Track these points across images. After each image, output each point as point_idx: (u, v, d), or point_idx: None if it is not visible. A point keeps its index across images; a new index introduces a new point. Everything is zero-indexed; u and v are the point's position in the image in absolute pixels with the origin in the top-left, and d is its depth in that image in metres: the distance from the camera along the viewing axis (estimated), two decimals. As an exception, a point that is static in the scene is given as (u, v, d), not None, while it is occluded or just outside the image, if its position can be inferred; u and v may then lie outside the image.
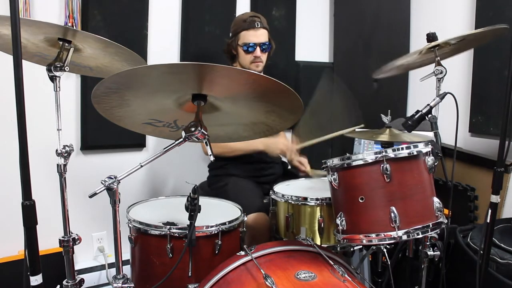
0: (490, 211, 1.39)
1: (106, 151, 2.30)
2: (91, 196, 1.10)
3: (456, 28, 2.63)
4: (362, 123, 2.07)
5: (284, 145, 2.11)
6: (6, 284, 1.92)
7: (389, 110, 1.66)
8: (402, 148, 1.30)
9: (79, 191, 1.71)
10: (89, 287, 2.19)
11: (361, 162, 1.30)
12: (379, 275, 2.01)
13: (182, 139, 1.20)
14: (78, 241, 1.35)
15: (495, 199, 1.38)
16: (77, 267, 2.16)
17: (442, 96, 1.52)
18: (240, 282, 1.21)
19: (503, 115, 1.37)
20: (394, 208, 1.26)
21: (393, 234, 1.26)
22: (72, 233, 1.34)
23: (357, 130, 2.04)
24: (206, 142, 1.23)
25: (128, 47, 1.36)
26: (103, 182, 1.12)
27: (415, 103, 2.99)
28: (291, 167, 2.26)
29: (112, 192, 1.13)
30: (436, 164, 1.35)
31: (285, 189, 1.82)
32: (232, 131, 1.57)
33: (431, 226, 1.28)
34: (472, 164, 2.30)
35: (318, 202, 1.61)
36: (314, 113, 2.07)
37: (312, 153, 2.27)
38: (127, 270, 1.38)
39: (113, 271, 2.17)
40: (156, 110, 1.37)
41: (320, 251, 1.35)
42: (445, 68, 1.58)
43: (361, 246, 1.82)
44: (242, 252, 1.32)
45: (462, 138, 2.54)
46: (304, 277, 1.17)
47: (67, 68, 1.30)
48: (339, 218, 1.35)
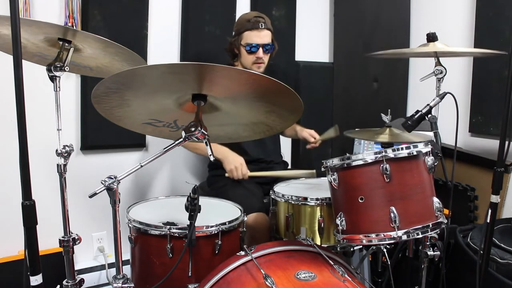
0: (490, 211, 1.39)
1: (106, 151, 2.30)
2: (91, 196, 1.10)
3: (456, 28, 2.63)
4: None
5: (237, 166, 1.97)
6: (6, 284, 1.92)
7: (389, 110, 1.66)
8: (402, 148, 1.30)
9: (79, 191, 1.71)
10: (89, 287, 2.19)
11: (361, 162, 1.30)
12: (379, 275, 2.01)
13: (182, 139, 1.20)
14: (78, 241, 1.35)
15: (495, 199, 1.39)
16: (77, 267, 2.16)
17: (442, 96, 1.52)
18: (240, 282, 1.21)
19: (503, 115, 1.38)
20: (394, 208, 1.26)
21: (393, 234, 1.25)
22: (72, 233, 1.34)
23: (356, 130, 2.03)
24: (206, 142, 1.23)
25: (128, 47, 1.36)
26: (103, 182, 1.12)
27: (415, 103, 2.99)
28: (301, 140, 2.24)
29: (112, 192, 1.13)
30: (436, 164, 1.35)
31: (285, 189, 1.82)
32: (232, 131, 1.57)
33: (431, 226, 1.28)
34: (472, 164, 2.30)
35: (318, 202, 1.61)
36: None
37: (312, 153, 2.27)
38: (127, 270, 1.38)
39: (113, 271, 2.17)
40: (156, 110, 1.37)
41: (320, 251, 1.35)
42: (445, 68, 1.59)
43: (361, 246, 1.82)
44: (242, 252, 1.32)
45: (462, 138, 2.54)
46: (304, 277, 1.17)
47: (67, 68, 1.30)
48: (339, 218, 1.35)
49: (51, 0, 2.04)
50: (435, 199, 1.32)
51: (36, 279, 1.03)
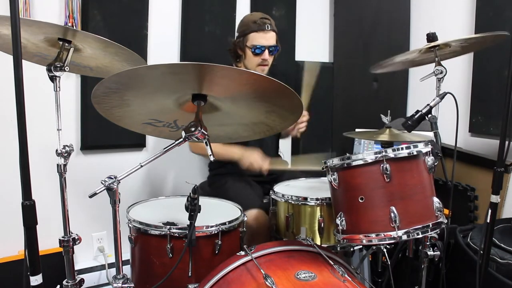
0: (490, 211, 1.39)
1: (106, 151, 2.30)
2: (91, 196, 1.10)
3: (456, 28, 2.63)
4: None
5: (252, 161, 1.95)
6: (6, 284, 1.92)
7: (389, 110, 1.66)
8: (402, 148, 1.30)
9: (79, 191, 1.71)
10: (89, 287, 2.19)
11: (361, 162, 1.30)
12: (379, 275, 2.01)
13: (182, 139, 1.20)
14: (78, 241, 1.35)
15: (495, 199, 1.38)
16: (77, 267, 2.16)
17: (442, 96, 1.52)
18: (240, 282, 1.21)
19: (503, 115, 1.37)
20: (394, 208, 1.26)
21: (393, 234, 1.26)
22: (72, 233, 1.34)
23: (356, 131, 2.04)
24: (206, 142, 1.23)
25: (128, 47, 1.36)
26: (103, 182, 1.12)
27: (415, 103, 2.98)
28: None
29: (112, 192, 1.13)
30: (436, 164, 1.35)
31: (285, 189, 1.82)
32: (232, 131, 1.57)
33: (431, 226, 1.28)
34: (472, 164, 2.30)
35: (318, 202, 1.61)
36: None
37: (312, 153, 2.27)
38: (127, 270, 1.38)
39: (113, 271, 2.17)
40: (156, 110, 1.37)
41: (320, 251, 1.35)
42: (445, 68, 1.58)
43: (361, 246, 1.82)
44: (242, 252, 1.32)
45: (462, 138, 2.54)
46: (304, 277, 1.17)
47: (67, 68, 1.30)
48: (339, 218, 1.35)
49: (51, 0, 2.04)
50: (435, 199, 1.32)
51: (36, 279, 1.03)
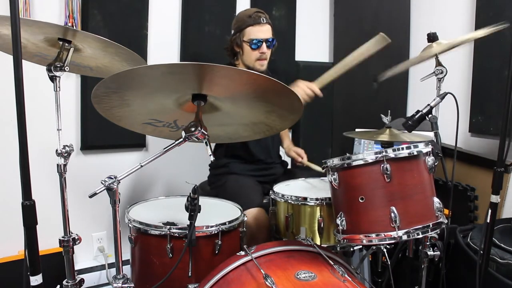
0: (490, 211, 1.39)
1: (106, 151, 2.30)
2: (91, 196, 1.10)
3: (456, 28, 2.63)
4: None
5: (303, 88, 1.97)
6: (6, 284, 1.92)
7: (389, 110, 1.66)
8: (402, 148, 1.30)
9: (79, 191, 1.71)
10: (89, 287, 2.19)
11: (361, 162, 1.30)
12: (379, 275, 2.01)
13: (182, 139, 1.20)
14: (78, 241, 1.35)
15: (495, 199, 1.38)
16: (77, 267, 2.16)
17: (442, 96, 1.52)
18: (240, 282, 1.21)
19: (503, 115, 1.37)
20: (394, 208, 1.25)
21: (393, 234, 1.25)
22: (72, 233, 1.34)
23: (356, 131, 2.04)
24: (206, 142, 1.23)
25: (128, 47, 1.36)
26: (103, 182, 1.12)
27: (415, 103, 2.99)
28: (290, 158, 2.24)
29: (112, 192, 1.13)
30: (436, 164, 1.35)
31: (285, 189, 1.82)
32: (232, 131, 1.57)
33: (431, 226, 1.28)
34: (472, 164, 2.30)
35: (318, 202, 1.61)
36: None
37: (312, 153, 2.27)
38: (127, 270, 1.38)
39: (113, 271, 2.17)
40: (156, 110, 1.37)
41: (320, 251, 1.35)
42: (445, 68, 1.58)
43: (361, 246, 1.82)
44: (242, 252, 1.32)
45: (462, 138, 2.54)
46: (304, 277, 1.16)
47: (67, 68, 1.30)
48: (339, 218, 1.35)
49: (51, 0, 2.04)
50: (435, 199, 1.32)
51: (36, 279, 1.03)
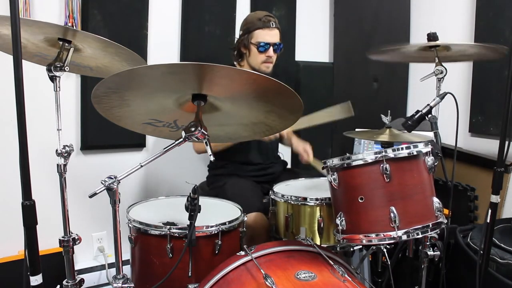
0: (490, 211, 1.39)
1: (106, 151, 2.30)
2: (91, 196, 1.10)
3: (456, 29, 2.63)
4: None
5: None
6: (6, 284, 1.92)
7: (389, 110, 1.66)
8: (402, 148, 1.30)
9: (79, 191, 1.71)
10: (89, 287, 2.19)
11: (361, 162, 1.30)
12: (379, 275, 2.01)
13: (182, 139, 1.20)
14: (78, 241, 1.35)
15: (495, 199, 1.38)
16: (77, 267, 2.16)
17: (442, 96, 1.52)
18: (240, 282, 1.21)
19: (503, 115, 1.37)
20: (394, 208, 1.25)
21: (393, 234, 1.25)
22: (72, 233, 1.34)
23: (356, 130, 2.03)
24: (206, 142, 1.23)
25: (128, 47, 1.36)
26: (103, 182, 1.12)
27: (415, 103, 2.99)
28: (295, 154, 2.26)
29: (112, 192, 1.13)
30: (436, 164, 1.35)
31: (284, 189, 1.82)
32: (232, 131, 1.57)
33: (431, 226, 1.28)
34: (472, 164, 2.30)
35: (318, 202, 1.61)
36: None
37: (312, 153, 2.27)
38: (127, 270, 1.38)
39: (113, 271, 2.17)
40: (156, 110, 1.36)
41: (320, 251, 1.35)
42: (445, 68, 1.58)
43: (361, 246, 1.82)
44: (242, 252, 1.32)
45: (462, 138, 2.54)
46: (304, 277, 1.17)
47: (67, 68, 1.30)
48: (339, 218, 1.35)
49: (51, 0, 2.04)
50: (435, 199, 1.32)
51: (36, 279, 1.03)
